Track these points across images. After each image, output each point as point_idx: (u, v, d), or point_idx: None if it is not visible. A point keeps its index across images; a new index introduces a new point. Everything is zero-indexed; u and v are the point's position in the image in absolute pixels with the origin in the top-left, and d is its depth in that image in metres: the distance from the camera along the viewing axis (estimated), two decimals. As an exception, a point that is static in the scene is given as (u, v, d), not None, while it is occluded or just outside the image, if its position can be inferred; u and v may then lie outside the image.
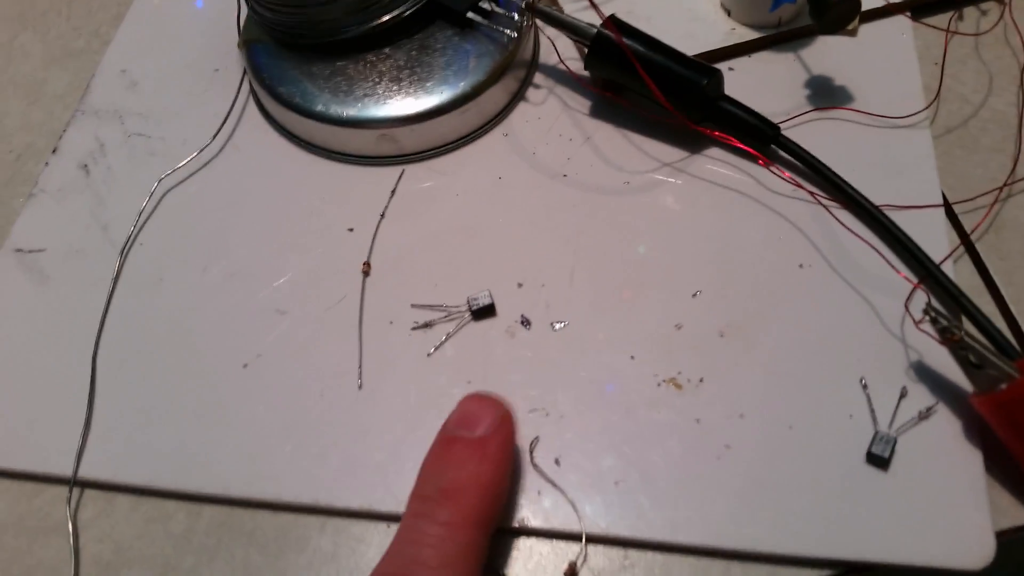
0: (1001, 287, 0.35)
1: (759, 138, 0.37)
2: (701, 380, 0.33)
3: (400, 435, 0.32)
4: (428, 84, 0.38)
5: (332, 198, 0.38)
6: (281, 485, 0.32)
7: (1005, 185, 0.37)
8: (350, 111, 0.38)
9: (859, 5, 0.36)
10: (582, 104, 0.41)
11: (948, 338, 0.30)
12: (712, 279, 0.35)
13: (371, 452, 0.32)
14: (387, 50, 0.39)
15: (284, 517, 0.32)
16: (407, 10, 0.39)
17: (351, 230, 0.37)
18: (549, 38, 0.42)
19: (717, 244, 0.36)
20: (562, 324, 0.34)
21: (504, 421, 0.29)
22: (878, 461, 0.30)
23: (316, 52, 0.39)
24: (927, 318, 0.30)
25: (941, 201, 0.36)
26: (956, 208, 0.37)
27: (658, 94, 0.36)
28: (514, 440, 0.30)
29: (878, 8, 0.42)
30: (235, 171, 0.40)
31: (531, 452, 0.32)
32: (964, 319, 0.33)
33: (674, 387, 0.33)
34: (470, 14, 0.39)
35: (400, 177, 0.39)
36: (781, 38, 0.41)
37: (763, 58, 0.41)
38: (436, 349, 0.34)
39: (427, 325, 0.35)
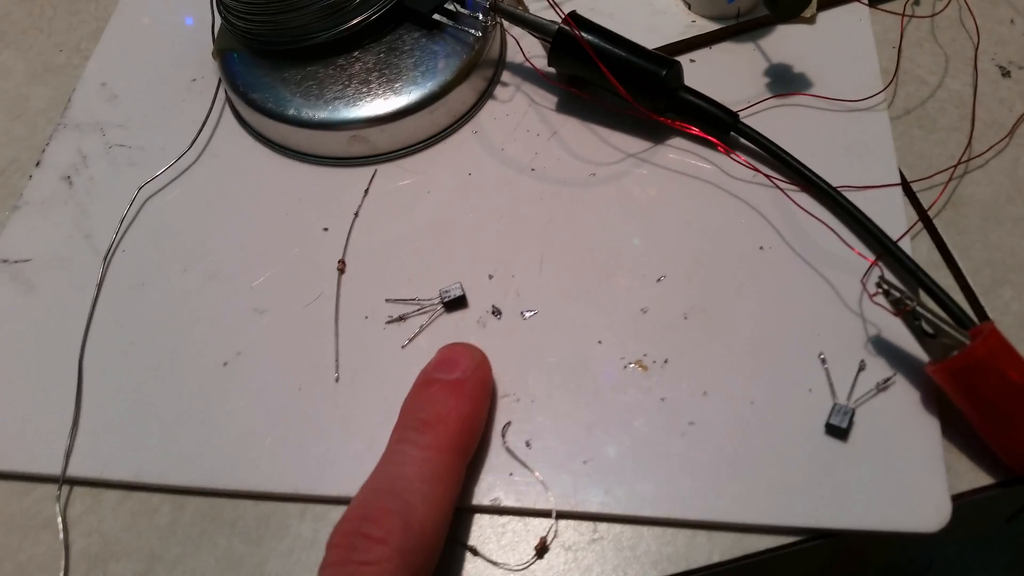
0: (959, 260, 0.36)
1: (719, 126, 0.38)
2: (666, 361, 0.34)
3: (376, 424, 0.33)
4: (397, 85, 0.39)
5: (307, 199, 0.40)
6: (262, 475, 0.33)
7: (960, 162, 0.38)
8: (321, 114, 0.39)
9: (810, -5, 0.37)
10: (549, 100, 0.42)
11: (901, 309, 0.31)
12: (676, 264, 0.36)
13: (348, 442, 0.33)
14: (356, 53, 0.40)
15: (265, 506, 0.33)
16: (374, 14, 0.40)
17: (326, 230, 0.39)
18: (514, 37, 0.43)
19: (681, 230, 0.37)
20: (532, 312, 0.35)
21: (480, 364, 0.32)
22: (836, 432, 0.31)
23: (287, 58, 0.41)
24: (880, 291, 0.31)
25: (898, 180, 0.37)
26: (915, 186, 0.38)
27: (618, 86, 0.37)
28: (490, 381, 0.33)
29: (835, -5, 0.43)
30: (213, 176, 0.41)
31: (503, 435, 0.33)
32: (921, 292, 0.34)
33: (640, 369, 0.34)
34: (436, 16, 0.40)
35: (373, 177, 0.40)
36: (741, 28, 0.42)
37: (724, 48, 0.42)
38: (410, 341, 0.35)
39: (401, 319, 0.36)
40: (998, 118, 0.39)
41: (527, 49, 0.42)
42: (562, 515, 0.31)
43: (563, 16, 0.38)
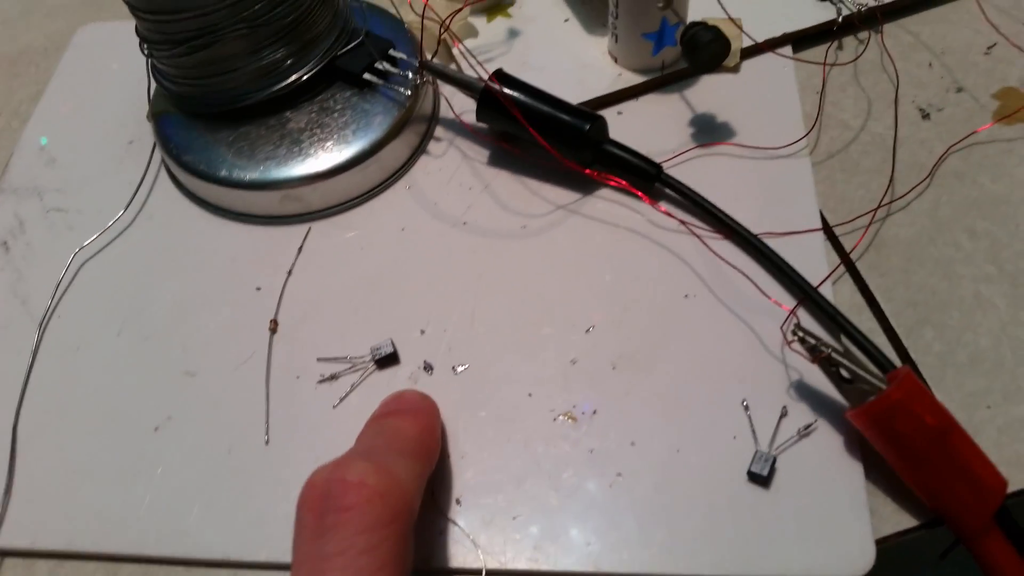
0: (881, 302, 0.37)
1: (643, 177, 0.39)
2: (595, 412, 0.34)
3: (307, 486, 0.33)
4: (328, 144, 0.40)
5: (241, 259, 0.40)
6: (192, 542, 0.33)
7: (881, 205, 0.39)
8: (252, 174, 0.39)
9: (729, 44, 0.38)
10: (481, 154, 0.42)
11: (817, 356, 0.31)
12: (605, 314, 0.36)
13: (278, 505, 0.33)
14: (288, 113, 0.41)
15: (198, 572, 0.32)
16: (305, 75, 0.40)
17: (259, 289, 0.39)
18: (444, 95, 0.44)
19: (609, 281, 0.37)
20: (463, 367, 0.36)
21: (425, 397, 0.33)
22: (758, 479, 0.31)
23: (220, 119, 0.41)
24: (796, 339, 0.32)
25: (820, 225, 0.38)
26: (837, 230, 0.39)
27: (542, 142, 0.38)
28: (438, 413, 0.33)
29: (759, 44, 0.44)
30: (148, 238, 0.41)
31: (433, 493, 0.33)
32: (844, 336, 0.34)
33: (570, 420, 0.34)
34: (367, 75, 0.41)
35: (306, 235, 0.40)
36: (666, 80, 0.43)
37: (650, 100, 0.43)
38: (341, 401, 0.35)
39: (333, 377, 0.36)
40: (919, 159, 0.40)
41: (458, 105, 0.43)
42: (492, 573, 0.31)
43: (489, 75, 0.39)
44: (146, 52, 0.40)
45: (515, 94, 0.39)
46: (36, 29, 0.53)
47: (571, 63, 0.44)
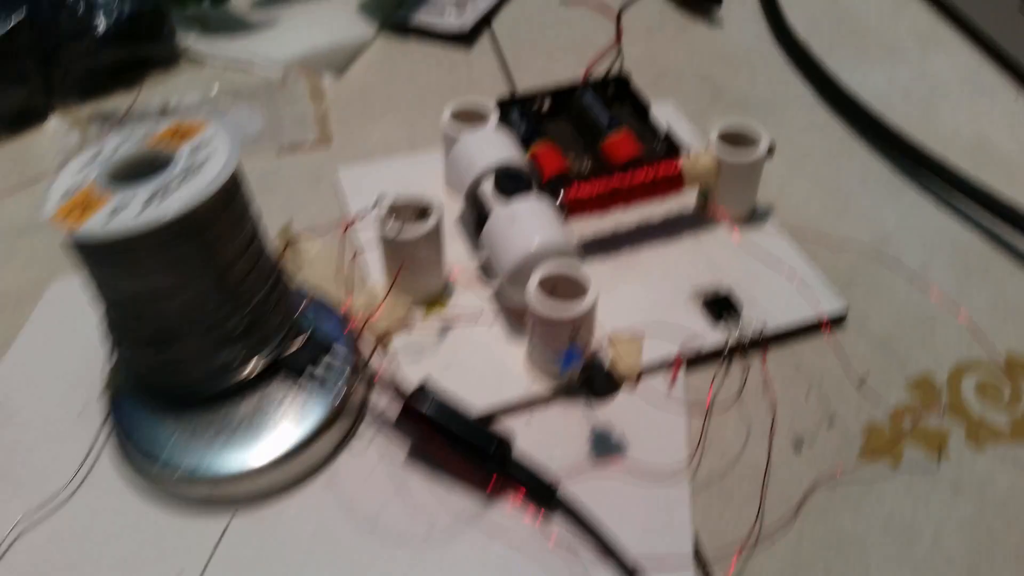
0: (742, 640, 0.40)
1: (541, 496, 0.43)
2: None
3: None
4: (260, 440, 0.44)
5: (167, 543, 0.43)
6: None
7: (747, 543, 0.43)
8: (188, 463, 0.43)
9: (619, 385, 0.44)
10: (399, 454, 0.47)
11: None
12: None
13: None
14: (230, 404, 0.45)
15: None
16: (255, 372, 0.45)
17: (180, 576, 0.42)
18: (366, 398, 0.49)
19: (498, 597, 0.41)
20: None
21: None
22: None
23: (167, 406, 0.45)
24: None
25: (691, 560, 0.42)
26: (712, 565, 0.43)
27: (448, 460, 0.43)
28: None
29: (656, 364, 0.49)
30: (84, 515, 0.44)
31: None
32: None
33: None
34: (305, 373, 0.46)
35: (226, 528, 0.44)
36: (573, 391, 0.48)
37: (558, 409, 0.48)
38: None
39: None
40: (788, 493, 0.45)
41: (384, 403, 0.47)
42: None
43: (406, 396, 0.44)
44: (112, 345, 0.45)
45: (431, 412, 0.44)
46: (11, 276, 0.58)
47: (492, 367, 0.49)
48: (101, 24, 0.68)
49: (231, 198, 0.41)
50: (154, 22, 0.73)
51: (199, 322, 0.42)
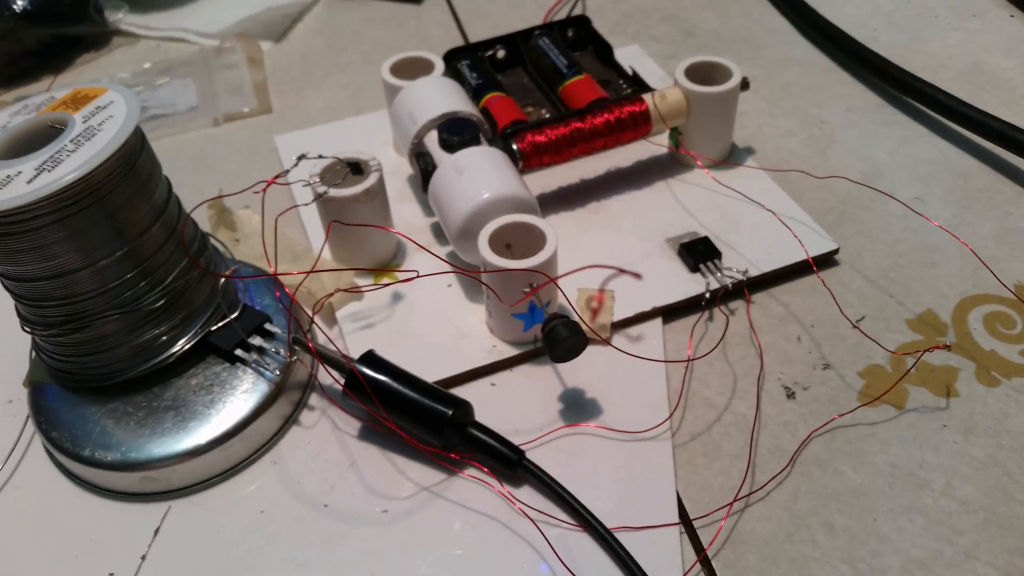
0: (736, 606, 0.36)
1: (505, 463, 0.39)
2: None
3: None
4: (191, 423, 0.40)
5: (99, 539, 0.39)
6: None
7: (738, 498, 0.39)
8: (114, 455, 0.39)
9: (586, 341, 0.39)
10: (352, 427, 0.43)
11: None
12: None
13: None
14: (156, 389, 0.41)
15: None
16: (179, 352, 0.41)
17: (112, 575, 0.38)
18: (311, 371, 0.45)
19: (465, 569, 0.37)
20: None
21: None
22: None
23: (93, 394, 0.41)
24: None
25: (676, 519, 0.38)
26: (696, 523, 0.38)
27: (401, 433, 0.38)
28: None
29: (630, 317, 0.45)
30: (11, 514, 0.40)
31: None
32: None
33: None
34: (238, 351, 0.42)
35: (165, 515, 0.40)
36: (538, 352, 0.44)
37: (523, 371, 0.44)
38: None
39: None
40: (781, 444, 0.41)
41: (330, 379, 0.43)
42: None
43: (351, 364, 0.40)
44: (26, 330, 0.41)
45: (382, 377, 0.40)
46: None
47: (450, 332, 0.45)
48: (19, 3, 0.64)
49: (131, 163, 0.38)
50: (78, 0, 0.69)
51: (112, 300, 0.38)
